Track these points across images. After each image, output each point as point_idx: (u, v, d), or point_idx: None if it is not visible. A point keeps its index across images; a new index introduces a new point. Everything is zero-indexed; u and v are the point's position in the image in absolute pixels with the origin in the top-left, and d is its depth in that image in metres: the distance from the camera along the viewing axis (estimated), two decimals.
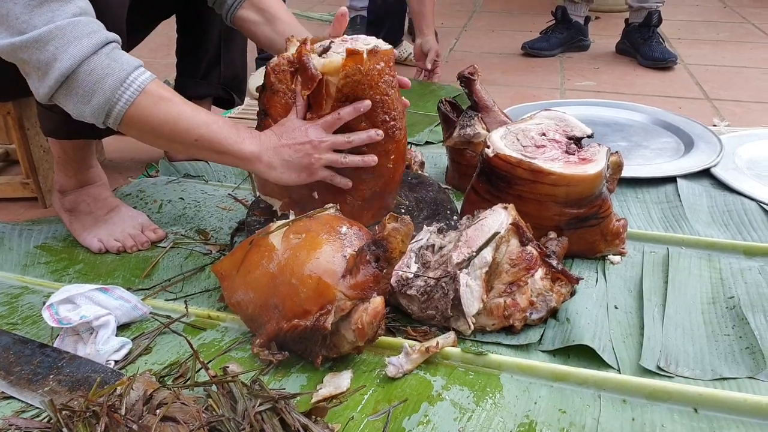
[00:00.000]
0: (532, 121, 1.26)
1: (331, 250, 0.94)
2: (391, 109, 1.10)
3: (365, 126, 1.09)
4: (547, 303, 1.03)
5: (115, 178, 1.61)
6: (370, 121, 1.09)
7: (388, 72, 1.09)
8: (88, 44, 0.94)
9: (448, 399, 0.90)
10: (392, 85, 1.10)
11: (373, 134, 1.08)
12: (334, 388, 0.91)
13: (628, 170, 1.38)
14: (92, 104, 0.96)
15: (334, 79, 1.05)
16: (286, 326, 0.93)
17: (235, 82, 1.67)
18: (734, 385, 0.92)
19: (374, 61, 1.07)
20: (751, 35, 3.00)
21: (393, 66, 1.11)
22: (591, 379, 0.92)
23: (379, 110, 1.09)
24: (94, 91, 0.95)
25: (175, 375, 0.94)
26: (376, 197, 1.18)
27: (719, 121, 1.94)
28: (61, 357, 0.97)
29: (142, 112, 0.99)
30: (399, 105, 1.13)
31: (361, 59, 1.05)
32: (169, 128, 1.02)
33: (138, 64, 1.00)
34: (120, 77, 0.96)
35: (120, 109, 0.98)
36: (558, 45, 2.73)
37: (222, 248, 1.29)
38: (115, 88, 0.96)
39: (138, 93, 0.97)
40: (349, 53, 1.05)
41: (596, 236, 1.20)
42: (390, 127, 1.11)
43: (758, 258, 1.22)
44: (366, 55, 1.05)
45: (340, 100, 1.07)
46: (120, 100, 0.97)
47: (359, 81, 1.06)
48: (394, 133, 1.12)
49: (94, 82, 0.95)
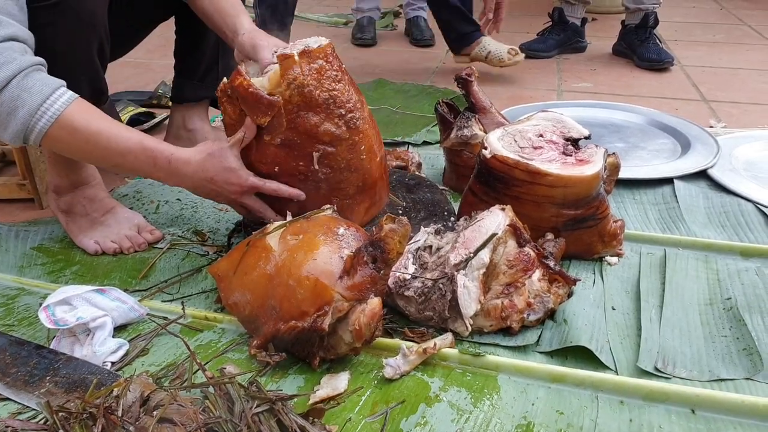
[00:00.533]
0: (529, 122, 1.26)
1: (329, 252, 0.94)
2: (343, 102, 1.10)
3: (323, 126, 1.09)
4: (545, 304, 1.04)
5: (112, 179, 1.61)
6: (327, 118, 1.09)
7: (329, 68, 1.09)
8: (1, 77, 0.96)
9: (446, 400, 0.90)
10: (338, 79, 1.10)
11: (294, 193, 1.12)
12: (332, 390, 0.91)
13: (625, 171, 1.38)
14: (8, 132, 1.00)
15: (279, 92, 1.06)
16: (284, 328, 0.93)
17: None
18: (731, 386, 0.92)
19: (309, 60, 1.07)
20: (748, 37, 3.02)
21: (333, 60, 1.11)
22: (588, 380, 0.92)
23: (332, 107, 1.09)
24: (8, 121, 0.99)
25: (172, 376, 0.94)
26: (362, 191, 1.18)
27: (716, 122, 1.95)
28: (58, 358, 0.96)
29: (56, 140, 1.03)
30: (353, 95, 1.13)
31: (293, 62, 1.05)
32: (85, 156, 1.10)
33: (52, 90, 1.00)
34: (31, 108, 0.98)
35: (36, 136, 1.01)
36: (555, 46, 2.73)
37: (219, 249, 1.29)
38: (27, 120, 0.99)
39: (50, 123, 1.00)
40: (281, 60, 1.06)
41: (593, 237, 1.20)
42: (349, 120, 1.11)
43: (755, 259, 1.22)
44: (298, 57, 1.06)
45: (294, 112, 1.07)
46: (34, 129, 1.00)
47: (302, 85, 1.06)
48: (355, 124, 1.12)
49: (7, 113, 0.98)
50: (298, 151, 1.10)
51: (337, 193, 1.15)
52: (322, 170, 1.12)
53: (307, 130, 1.09)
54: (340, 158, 1.13)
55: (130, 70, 2.43)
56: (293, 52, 1.07)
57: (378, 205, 1.25)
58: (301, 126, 1.08)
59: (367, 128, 1.15)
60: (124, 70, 2.34)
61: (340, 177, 1.14)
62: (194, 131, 1.66)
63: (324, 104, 1.08)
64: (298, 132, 1.09)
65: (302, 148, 1.10)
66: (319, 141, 1.10)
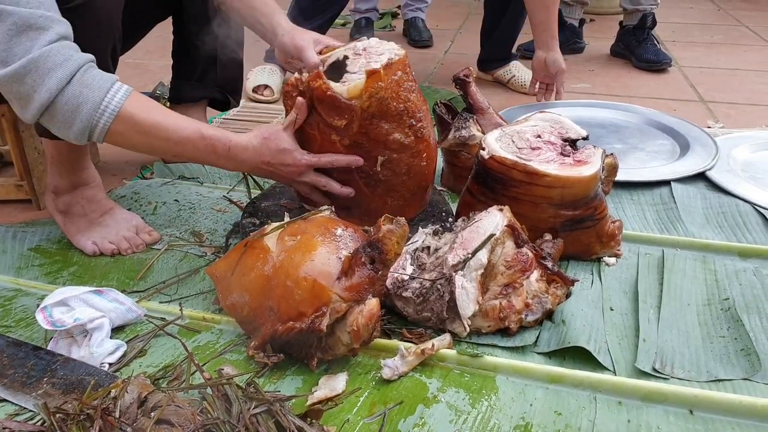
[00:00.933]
0: (527, 123, 1.26)
1: (327, 252, 0.94)
2: (415, 112, 1.12)
3: (393, 135, 1.11)
4: (543, 305, 1.04)
5: (110, 180, 1.61)
6: (398, 127, 1.11)
7: (406, 79, 1.11)
8: (62, 75, 0.97)
9: (444, 401, 0.90)
10: (412, 90, 1.12)
11: (352, 160, 1.12)
12: (330, 391, 0.91)
13: (622, 173, 1.38)
14: (73, 130, 1.01)
15: (358, 101, 1.07)
16: (281, 328, 0.92)
17: (231, 84, 1.67)
18: (729, 386, 0.92)
19: (391, 73, 1.09)
20: (745, 38, 3.02)
21: (409, 70, 1.13)
22: (586, 381, 0.92)
23: (405, 117, 1.11)
24: (73, 119, 1.00)
25: (169, 378, 0.94)
26: (416, 195, 1.21)
27: (713, 123, 1.95)
28: (55, 360, 0.96)
29: (119, 134, 1.04)
30: (422, 105, 1.15)
31: (380, 77, 1.07)
32: (147, 148, 1.11)
33: (110, 84, 1.01)
34: (94, 104, 1.00)
35: (99, 132, 1.03)
36: None
37: (217, 250, 1.29)
38: (91, 116, 1.00)
39: (113, 118, 1.02)
40: (369, 75, 1.07)
41: (591, 238, 1.20)
42: (417, 129, 1.13)
43: (753, 259, 1.22)
44: (383, 71, 1.07)
45: (367, 118, 1.09)
46: (98, 125, 1.02)
47: (382, 98, 1.08)
48: (422, 134, 1.14)
49: (71, 111, 0.99)
50: (364, 153, 1.12)
51: (393, 195, 1.18)
52: (384, 173, 1.14)
53: (377, 137, 1.11)
54: (402, 164, 1.15)
55: (128, 71, 2.42)
56: (378, 66, 1.07)
57: (423, 205, 1.28)
58: (372, 132, 1.10)
59: (429, 136, 1.18)
60: (123, 70, 2.32)
61: (398, 180, 1.16)
62: None
63: (398, 114, 1.10)
64: (368, 137, 1.11)
65: (368, 152, 1.12)
66: (387, 147, 1.12)
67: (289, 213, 1.23)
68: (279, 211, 1.29)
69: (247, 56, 1.70)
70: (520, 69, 2.32)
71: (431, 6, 3.10)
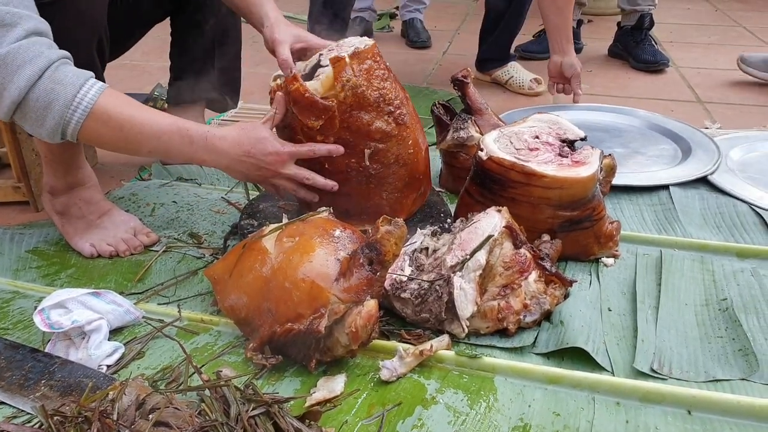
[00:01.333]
0: (525, 124, 1.27)
1: (325, 254, 0.93)
2: (392, 99, 1.13)
3: (374, 124, 1.11)
4: (541, 305, 1.04)
5: (108, 182, 1.61)
6: (377, 115, 1.11)
7: (377, 67, 1.12)
8: (31, 71, 0.95)
9: (443, 402, 0.90)
10: (386, 77, 1.13)
11: (332, 148, 1.11)
12: (328, 392, 0.91)
13: (621, 177, 1.38)
14: (46, 127, 0.99)
15: (333, 93, 1.08)
16: (280, 330, 0.92)
17: (229, 85, 1.67)
18: (727, 386, 0.92)
19: (360, 61, 1.10)
20: (742, 38, 3.03)
21: (380, 59, 1.14)
22: (585, 381, 0.92)
23: (382, 104, 1.12)
24: (45, 116, 0.98)
25: (167, 379, 0.94)
26: (410, 185, 1.21)
27: (711, 123, 1.95)
28: (53, 362, 0.96)
29: (92, 131, 1.02)
30: (399, 92, 1.16)
31: (344, 63, 1.08)
32: (121, 144, 1.06)
33: (83, 80, 0.99)
34: (66, 100, 0.98)
35: (72, 130, 1.00)
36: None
37: (215, 252, 1.29)
38: (63, 113, 0.98)
39: (86, 114, 0.99)
40: (333, 62, 1.08)
41: (589, 239, 1.20)
42: (397, 116, 1.14)
43: (751, 260, 1.23)
44: (349, 59, 1.08)
45: (346, 112, 1.09)
46: (70, 122, 0.99)
47: (355, 86, 1.09)
48: (404, 120, 1.15)
49: (42, 108, 0.97)
50: (350, 149, 1.13)
51: (387, 188, 1.18)
52: (373, 166, 1.15)
53: (359, 129, 1.11)
54: (390, 154, 1.15)
55: (126, 73, 2.42)
56: (344, 54, 1.09)
57: (423, 195, 1.28)
58: (353, 125, 1.11)
59: (413, 122, 1.19)
60: (120, 72, 2.33)
61: (389, 172, 1.17)
62: None
63: (375, 103, 1.11)
64: (350, 131, 1.11)
65: (354, 146, 1.13)
66: (371, 138, 1.13)
67: (288, 214, 1.23)
68: (277, 212, 1.29)
69: (245, 57, 1.69)
70: (519, 70, 2.32)
71: (429, 7, 3.10)
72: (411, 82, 2.37)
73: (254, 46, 2.86)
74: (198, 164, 1.09)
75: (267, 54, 1.30)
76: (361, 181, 1.16)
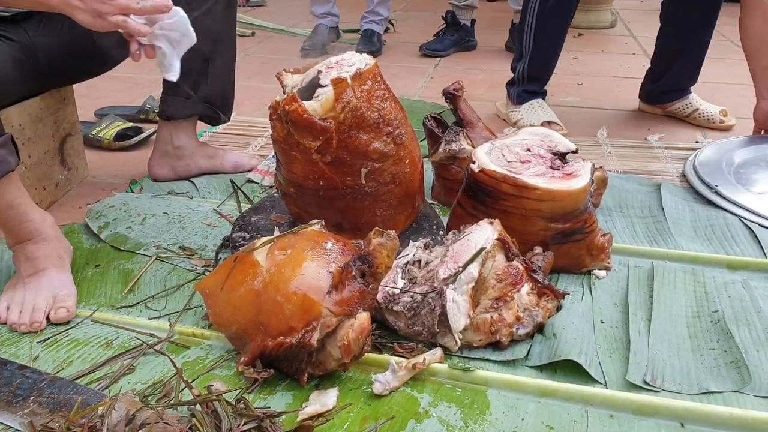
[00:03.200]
0: (516, 136, 1.27)
1: (317, 266, 0.93)
2: (391, 119, 1.13)
3: (372, 145, 1.11)
4: (534, 318, 1.03)
5: (99, 195, 1.60)
6: (376, 136, 1.11)
7: (377, 87, 1.12)
8: None
9: (435, 416, 0.90)
10: (386, 98, 1.13)
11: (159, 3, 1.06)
12: (320, 406, 0.90)
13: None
14: None
15: (332, 114, 1.07)
16: (272, 344, 0.92)
17: (221, 100, 1.64)
18: (720, 399, 0.93)
19: (361, 83, 1.09)
20: (730, 52, 3.06)
21: (380, 79, 1.13)
22: (578, 394, 0.92)
23: (381, 125, 1.11)
24: None
25: (158, 394, 0.93)
26: (404, 202, 1.21)
27: (702, 137, 1.97)
28: (42, 378, 0.95)
29: None
30: (398, 112, 1.16)
31: (346, 84, 1.07)
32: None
33: None
34: None
35: None
36: (451, 45, 2.97)
37: (207, 264, 1.28)
38: None
39: None
40: (335, 84, 1.07)
41: (581, 251, 1.20)
42: (396, 136, 1.14)
43: (741, 271, 1.23)
44: (350, 80, 1.08)
45: (344, 131, 1.09)
46: None
47: (355, 108, 1.08)
48: (402, 140, 1.15)
49: None
50: (347, 167, 1.12)
51: (381, 205, 1.18)
52: (369, 184, 1.14)
53: (357, 149, 1.11)
54: (386, 173, 1.15)
55: (117, 85, 2.42)
56: (345, 75, 1.08)
57: (416, 211, 1.28)
58: (351, 145, 1.10)
59: (409, 142, 1.18)
60: (112, 84, 2.33)
61: (384, 190, 1.16)
62: (181, 148, 1.63)
63: (374, 123, 1.10)
64: (348, 150, 1.11)
65: (351, 165, 1.12)
66: (368, 158, 1.12)
67: (279, 227, 1.22)
68: (269, 225, 1.29)
69: (237, 69, 1.69)
70: (701, 102, 2.13)
71: (412, 19, 3.17)
72: (403, 95, 2.39)
73: (246, 59, 2.87)
74: (42, 7, 1.06)
75: (259, 66, 1.31)
76: (355, 198, 1.15)
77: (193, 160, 1.65)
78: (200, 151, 1.67)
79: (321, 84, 1.11)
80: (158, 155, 1.65)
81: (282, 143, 1.13)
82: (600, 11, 3.58)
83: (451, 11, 3.04)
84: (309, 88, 1.14)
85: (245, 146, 1.93)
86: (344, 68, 1.12)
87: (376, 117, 1.10)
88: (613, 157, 1.82)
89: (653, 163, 1.77)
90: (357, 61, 1.14)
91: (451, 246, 1.07)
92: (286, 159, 1.15)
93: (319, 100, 1.08)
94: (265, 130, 2.03)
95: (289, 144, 1.12)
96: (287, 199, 1.24)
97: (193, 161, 1.65)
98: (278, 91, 1.18)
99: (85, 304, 1.16)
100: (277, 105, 1.11)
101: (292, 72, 1.21)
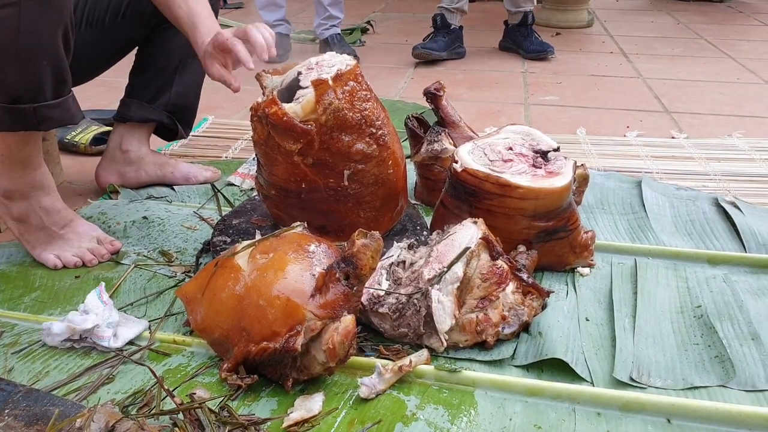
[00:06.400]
0: (498, 135, 1.27)
1: (300, 269, 0.92)
2: (374, 120, 1.11)
3: (355, 146, 1.10)
4: (519, 317, 1.03)
5: (75, 200, 1.56)
6: (359, 137, 1.10)
7: (359, 88, 1.10)
8: None
9: (423, 418, 0.89)
10: (368, 98, 1.11)
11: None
12: (306, 412, 0.89)
13: None
14: None
15: (314, 116, 1.06)
16: (255, 349, 0.90)
17: (182, 113, 1.59)
18: (705, 393, 0.93)
19: (342, 83, 1.07)
20: (704, 50, 3.11)
21: (362, 80, 1.12)
22: (565, 392, 0.92)
23: (364, 126, 1.10)
24: None
25: (139, 404, 0.91)
26: (387, 203, 1.20)
27: (678, 133, 1.99)
28: (17, 390, 0.92)
29: None
30: (380, 112, 1.14)
31: (327, 86, 1.05)
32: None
33: None
34: None
35: None
36: (444, 47, 2.92)
37: (187, 270, 1.26)
38: None
39: None
40: (316, 85, 1.06)
41: (565, 249, 1.20)
42: (379, 137, 1.12)
43: (722, 266, 1.24)
44: (332, 81, 1.06)
45: (326, 133, 1.07)
46: None
47: (337, 109, 1.06)
48: (385, 141, 1.14)
49: None
50: (329, 169, 1.11)
51: (365, 207, 1.17)
52: (352, 186, 1.13)
53: (340, 150, 1.09)
54: (369, 174, 1.14)
55: (93, 89, 2.37)
56: (326, 76, 1.06)
57: (400, 212, 1.27)
58: (333, 147, 1.09)
59: (392, 142, 1.17)
60: (88, 88, 2.27)
61: (368, 191, 1.15)
62: (129, 152, 1.57)
63: (357, 125, 1.09)
64: (330, 152, 1.09)
65: (334, 167, 1.11)
66: (351, 160, 1.11)
67: (261, 230, 1.21)
68: (250, 228, 1.27)
69: (207, 88, 1.64)
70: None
71: (391, 20, 3.14)
72: (384, 96, 2.38)
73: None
74: None
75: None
76: (338, 200, 1.14)
77: (142, 167, 1.58)
78: (150, 159, 1.60)
79: (301, 85, 1.10)
80: (106, 161, 1.59)
81: (263, 145, 1.11)
82: (577, 11, 3.61)
83: (440, 14, 2.94)
84: (289, 90, 1.12)
85: (225, 149, 1.91)
86: (324, 69, 1.11)
87: (359, 118, 1.09)
88: (594, 154, 1.83)
89: (633, 160, 1.79)
90: (338, 62, 1.13)
91: (436, 246, 1.07)
92: (268, 161, 1.13)
93: (300, 102, 1.07)
94: (245, 132, 2.01)
95: (270, 146, 1.10)
96: (268, 202, 1.23)
97: (142, 168, 1.58)
98: (258, 93, 1.17)
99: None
100: (257, 107, 1.09)
101: (272, 73, 1.19)
